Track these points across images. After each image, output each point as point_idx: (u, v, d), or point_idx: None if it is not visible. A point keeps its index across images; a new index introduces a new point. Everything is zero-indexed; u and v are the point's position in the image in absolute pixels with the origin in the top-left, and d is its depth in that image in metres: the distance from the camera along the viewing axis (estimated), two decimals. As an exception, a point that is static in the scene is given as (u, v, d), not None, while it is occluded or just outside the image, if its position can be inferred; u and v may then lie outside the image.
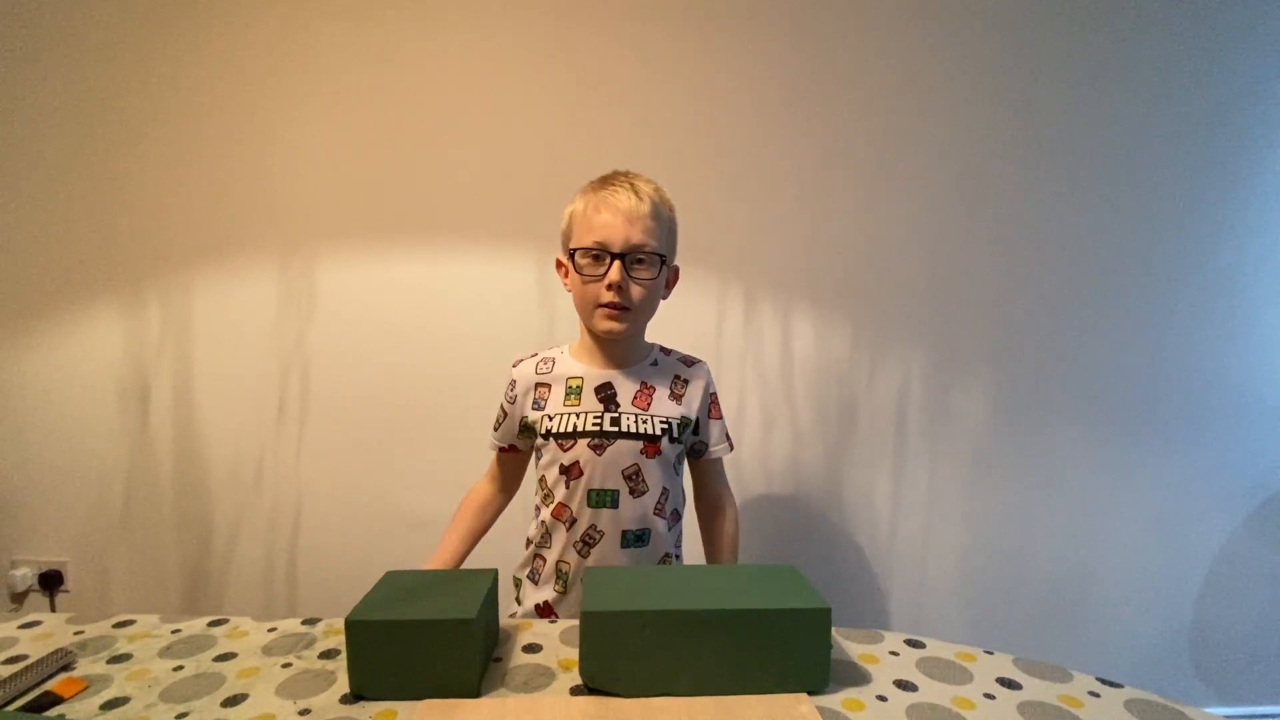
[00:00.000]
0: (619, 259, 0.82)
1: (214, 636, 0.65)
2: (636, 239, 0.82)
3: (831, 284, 1.42)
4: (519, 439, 0.94)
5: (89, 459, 1.42)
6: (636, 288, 0.84)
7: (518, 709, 0.53)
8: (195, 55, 1.36)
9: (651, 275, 0.85)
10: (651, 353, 0.94)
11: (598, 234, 0.83)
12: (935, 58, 1.38)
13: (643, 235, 0.83)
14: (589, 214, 0.84)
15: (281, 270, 1.39)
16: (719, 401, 0.95)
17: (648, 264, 0.84)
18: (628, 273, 0.83)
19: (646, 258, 0.83)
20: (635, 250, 0.82)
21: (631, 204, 0.82)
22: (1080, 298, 1.44)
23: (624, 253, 0.82)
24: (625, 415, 0.87)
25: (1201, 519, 1.49)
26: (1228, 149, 1.41)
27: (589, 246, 0.83)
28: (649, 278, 0.84)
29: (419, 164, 1.38)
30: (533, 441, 0.93)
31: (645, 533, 0.87)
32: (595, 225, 0.83)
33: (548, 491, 0.89)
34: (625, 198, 0.83)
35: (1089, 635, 1.50)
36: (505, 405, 0.94)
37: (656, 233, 0.84)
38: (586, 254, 0.84)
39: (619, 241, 0.82)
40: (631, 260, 0.83)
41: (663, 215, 0.85)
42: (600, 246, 0.82)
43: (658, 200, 0.85)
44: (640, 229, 0.82)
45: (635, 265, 0.83)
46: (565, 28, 1.36)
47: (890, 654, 0.64)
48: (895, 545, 1.47)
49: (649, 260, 0.84)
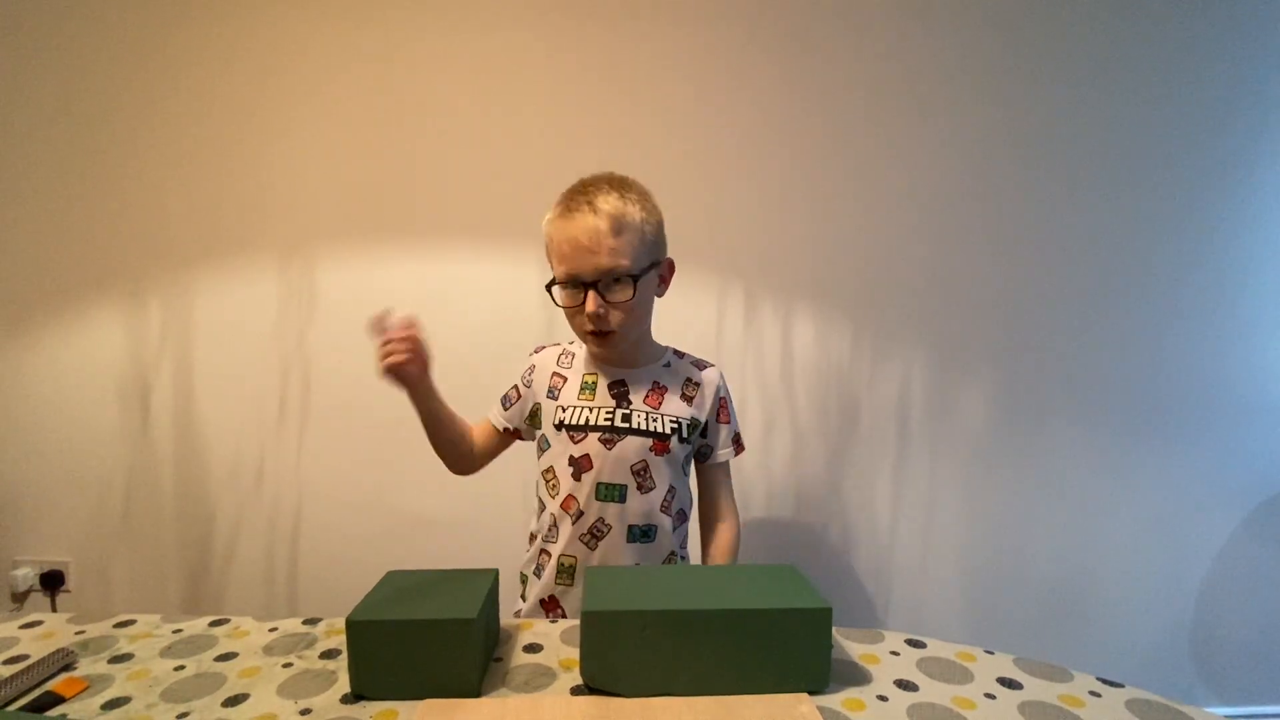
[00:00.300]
0: (592, 286, 0.81)
1: (215, 636, 0.65)
2: (605, 264, 0.80)
3: (832, 283, 1.42)
4: (525, 424, 0.95)
5: (90, 459, 1.42)
6: (615, 312, 0.83)
7: (518, 709, 0.53)
8: (195, 56, 1.36)
9: (627, 296, 0.82)
10: (665, 354, 0.94)
11: (567, 265, 0.82)
12: (936, 58, 1.38)
13: (610, 258, 0.80)
14: (557, 244, 0.83)
15: (282, 270, 1.39)
16: (729, 406, 0.95)
17: (623, 283, 0.82)
18: (604, 298, 0.82)
19: (621, 279, 0.82)
20: (605, 275, 0.81)
21: (589, 227, 0.80)
22: (1081, 297, 1.44)
23: (595, 280, 0.81)
24: (636, 412, 0.88)
25: (1202, 518, 1.49)
26: (1228, 148, 1.41)
27: (562, 280, 0.83)
28: (626, 299, 0.82)
29: (419, 164, 1.38)
30: (535, 430, 0.94)
31: (651, 529, 0.88)
32: (563, 256, 0.82)
33: (554, 483, 0.90)
34: (583, 219, 0.80)
35: (1090, 635, 1.50)
36: (521, 387, 0.95)
37: (625, 249, 0.81)
38: (563, 288, 0.84)
39: (588, 271, 0.81)
40: (606, 284, 0.82)
41: (630, 224, 0.81)
42: (570, 277, 0.82)
43: (619, 211, 0.81)
44: (605, 253, 0.80)
45: (611, 287, 0.82)
46: (564, 27, 1.36)
47: (891, 654, 0.64)
48: (896, 545, 1.48)
49: (623, 281, 0.82)
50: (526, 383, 0.95)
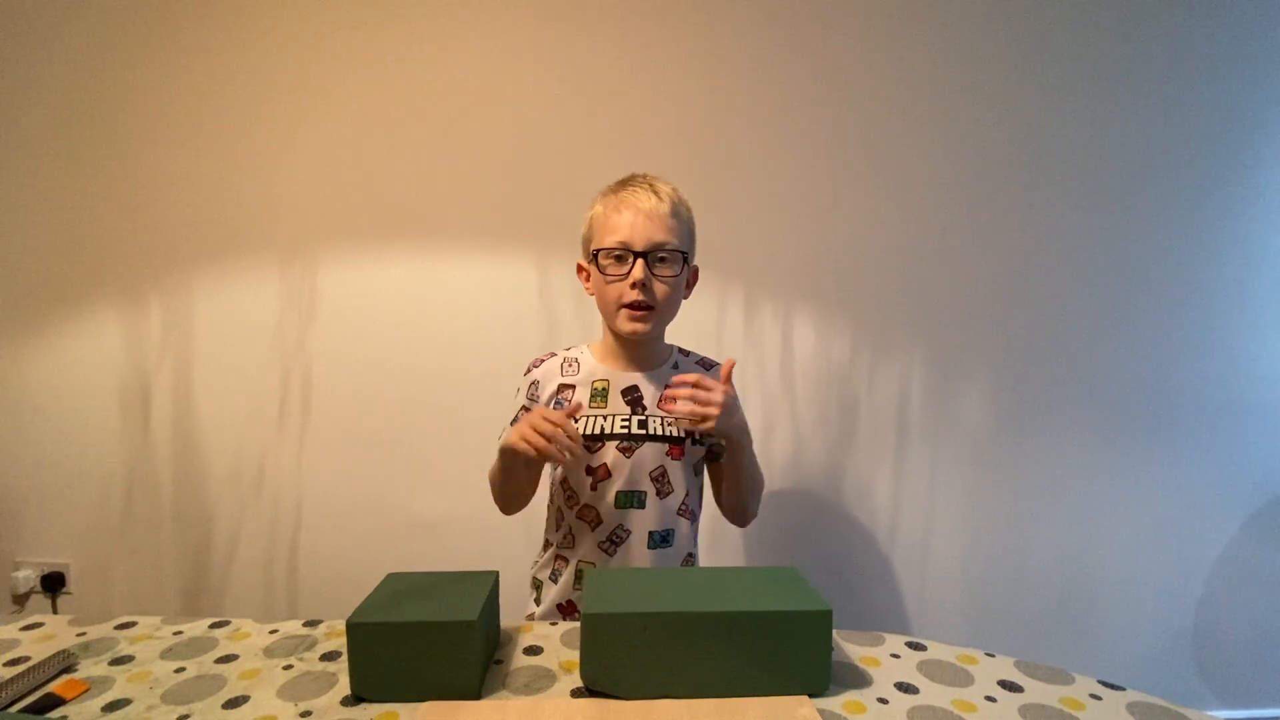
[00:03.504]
0: (642, 257, 0.83)
1: (215, 638, 0.65)
2: (659, 237, 0.83)
3: (832, 285, 1.42)
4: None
5: (90, 461, 1.42)
6: (660, 285, 0.85)
7: (519, 711, 0.53)
8: (197, 57, 1.36)
9: (674, 273, 0.85)
10: (672, 355, 0.94)
11: (620, 234, 0.83)
12: (936, 60, 1.38)
13: (665, 233, 0.83)
14: (610, 215, 0.85)
15: (283, 271, 1.40)
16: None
17: (670, 262, 0.85)
18: (651, 271, 0.83)
19: (669, 255, 0.84)
20: (658, 248, 0.83)
21: (652, 203, 0.84)
22: (1082, 300, 1.43)
23: (646, 251, 0.83)
24: (653, 418, 0.88)
25: (1204, 520, 1.49)
26: (1229, 150, 1.41)
27: (611, 247, 0.84)
28: (672, 275, 0.85)
29: (420, 165, 1.38)
30: None
31: (670, 533, 0.88)
32: (617, 225, 0.84)
33: (571, 493, 0.89)
34: (646, 197, 0.84)
35: (1091, 638, 1.49)
36: (527, 404, 0.92)
37: (678, 231, 0.85)
38: (609, 254, 0.84)
39: (641, 240, 0.83)
40: (654, 259, 0.84)
41: (682, 215, 0.87)
42: (623, 246, 0.83)
43: (677, 200, 0.86)
44: (662, 227, 0.83)
45: (658, 264, 0.84)
46: (565, 30, 1.36)
47: (891, 656, 0.64)
48: (896, 547, 1.47)
49: (671, 258, 0.85)
50: (532, 398, 0.92)
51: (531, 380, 0.93)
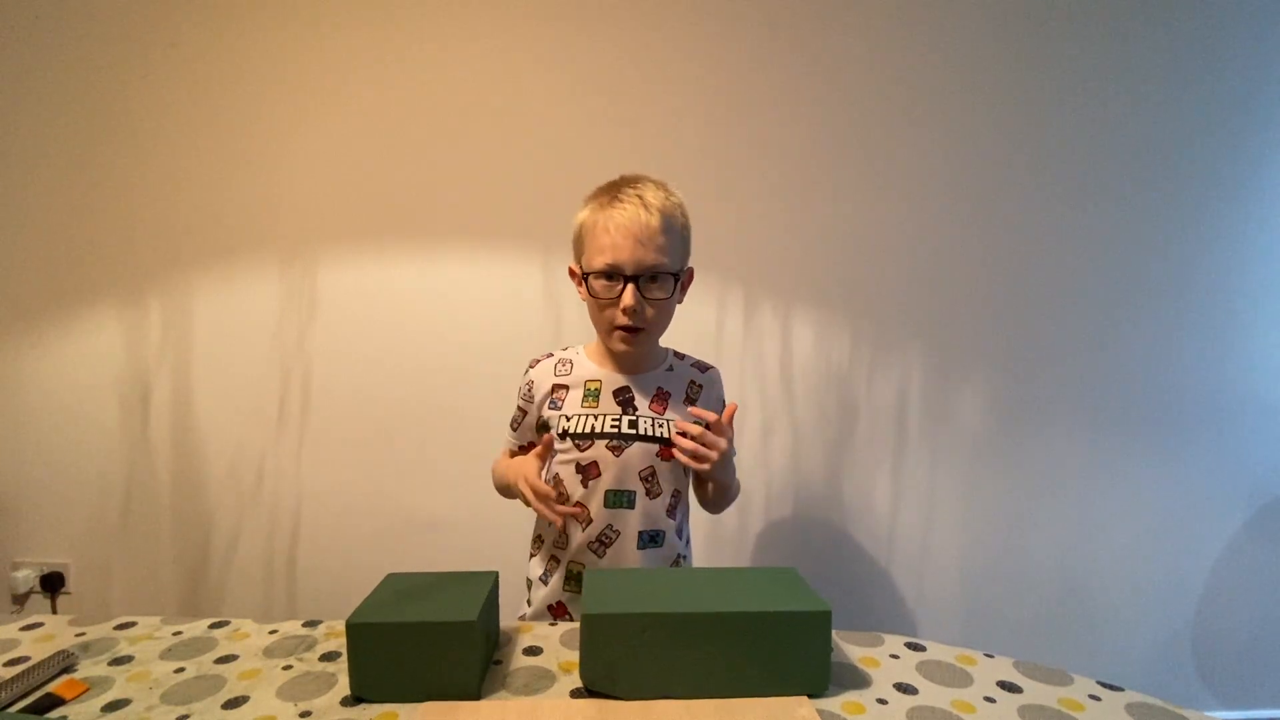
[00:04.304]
0: (632, 281, 0.81)
1: (215, 638, 0.65)
2: (649, 260, 0.80)
3: (832, 286, 1.42)
4: (537, 436, 0.95)
5: (90, 461, 1.42)
6: (650, 308, 0.83)
7: (518, 712, 0.53)
8: (198, 57, 1.36)
9: (666, 294, 0.83)
10: (666, 358, 0.94)
11: (608, 255, 0.81)
12: (935, 60, 1.38)
13: (655, 255, 0.80)
14: (598, 233, 0.82)
15: (283, 271, 1.40)
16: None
17: (661, 282, 0.83)
18: (641, 294, 0.81)
19: (660, 276, 0.82)
20: (648, 271, 0.81)
21: (640, 221, 0.80)
22: (1081, 300, 1.43)
23: (636, 275, 0.81)
24: (643, 419, 0.88)
25: (1203, 521, 1.49)
26: (1228, 152, 1.41)
27: (600, 269, 0.82)
28: (663, 297, 0.83)
29: (421, 165, 1.38)
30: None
31: (659, 534, 0.88)
32: (605, 246, 0.81)
33: (562, 491, 0.90)
34: (634, 214, 0.80)
35: (1090, 638, 1.49)
36: (522, 404, 0.95)
37: (669, 248, 0.82)
38: (599, 276, 0.82)
39: (631, 264, 0.80)
40: (645, 280, 0.82)
41: (674, 225, 0.83)
42: (612, 269, 0.81)
43: (667, 209, 0.82)
44: (652, 249, 0.80)
45: (649, 284, 0.82)
46: (565, 30, 1.36)
47: (891, 657, 0.64)
48: (895, 547, 1.47)
49: (662, 279, 0.83)
50: (527, 398, 0.93)
51: (528, 380, 0.94)
